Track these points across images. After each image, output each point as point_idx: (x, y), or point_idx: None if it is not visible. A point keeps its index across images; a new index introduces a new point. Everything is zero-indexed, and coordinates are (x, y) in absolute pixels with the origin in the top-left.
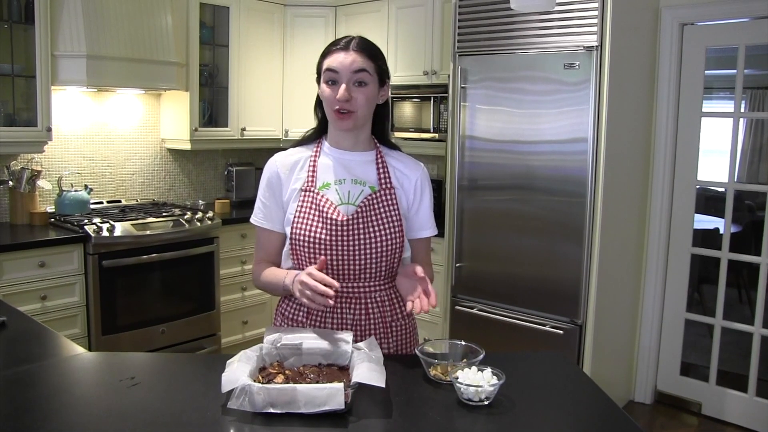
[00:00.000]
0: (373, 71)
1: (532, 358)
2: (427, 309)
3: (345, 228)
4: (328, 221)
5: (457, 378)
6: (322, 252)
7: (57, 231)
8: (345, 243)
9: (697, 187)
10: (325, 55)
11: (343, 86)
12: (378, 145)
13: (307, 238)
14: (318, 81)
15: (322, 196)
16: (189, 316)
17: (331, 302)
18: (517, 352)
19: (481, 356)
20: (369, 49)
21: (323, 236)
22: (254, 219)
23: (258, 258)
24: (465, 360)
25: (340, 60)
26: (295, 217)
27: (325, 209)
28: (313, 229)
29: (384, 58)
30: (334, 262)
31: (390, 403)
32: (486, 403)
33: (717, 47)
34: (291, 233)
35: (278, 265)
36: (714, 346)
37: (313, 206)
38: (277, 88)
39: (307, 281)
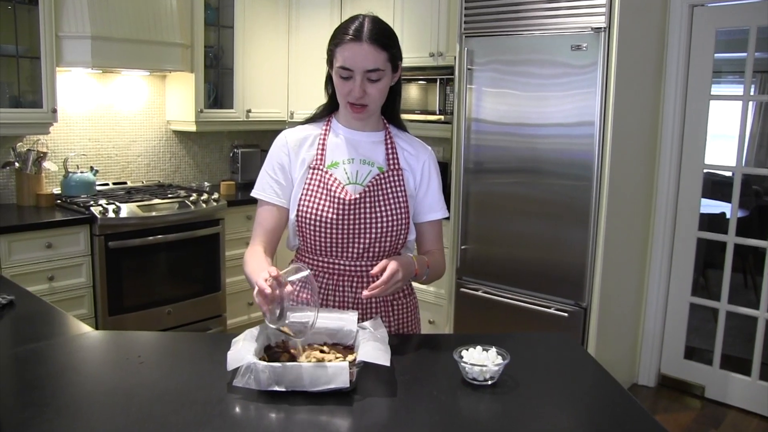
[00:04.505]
0: (385, 63)
1: (537, 338)
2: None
3: (352, 207)
4: (336, 200)
5: (462, 357)
6: (329, 230)
7: (63, 212)
8: (351, 222)
9: (705, 171)
10: (336, 43)
11: (358, 85)
12: (387, 125)
13: (313, 217)
14: (328, 63)
15: (331, 175)
16: (195, 297)
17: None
18: (522, 333)
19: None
20: (382, 38)
21: (330, 215)
22: (260, 193)
23: (254, 237)
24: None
25: (352, 57)
26: (302, 194)
27: (333, 188)
28: (321, 207)
29: (396, 40)
30: (339, 241)
31: (395, 381)
32: (490, 382)
33: (727, 29)
34: (298, 211)
35: (274, 246)
36: (718, 330)
37: (321, 184)
38: (282, 69)
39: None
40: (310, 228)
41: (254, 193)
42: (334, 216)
